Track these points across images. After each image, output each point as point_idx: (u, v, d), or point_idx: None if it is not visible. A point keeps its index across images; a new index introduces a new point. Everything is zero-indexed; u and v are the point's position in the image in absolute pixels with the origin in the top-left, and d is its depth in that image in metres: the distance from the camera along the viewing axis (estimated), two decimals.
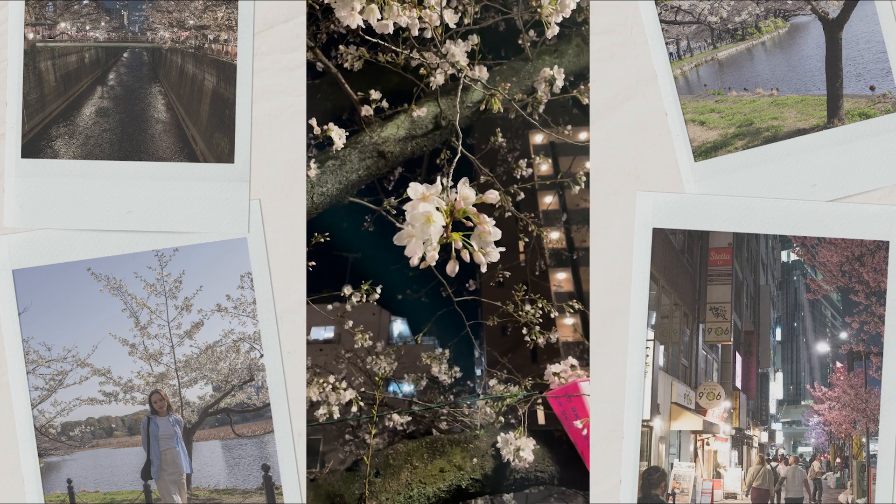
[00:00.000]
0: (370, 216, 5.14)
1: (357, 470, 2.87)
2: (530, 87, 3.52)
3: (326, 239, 3.98)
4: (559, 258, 8.11)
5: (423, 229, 1.54)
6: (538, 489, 11.41)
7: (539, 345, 4.32)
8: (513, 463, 2.87)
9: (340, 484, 2.84)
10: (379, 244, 4.38)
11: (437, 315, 5.51)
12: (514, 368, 4.00)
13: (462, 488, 2.94)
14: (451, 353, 4.75)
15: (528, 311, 4.20)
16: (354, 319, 4.28)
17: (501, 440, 2.88)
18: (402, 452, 2.94)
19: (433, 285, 5.82)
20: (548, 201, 4.71)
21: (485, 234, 1.58)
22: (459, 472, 2.91)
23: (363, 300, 3.96)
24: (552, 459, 2.96)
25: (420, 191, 1.55)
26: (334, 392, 3.14)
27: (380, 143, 3.17)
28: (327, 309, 4.06)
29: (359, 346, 4.10)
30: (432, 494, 2.89)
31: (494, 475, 2.95)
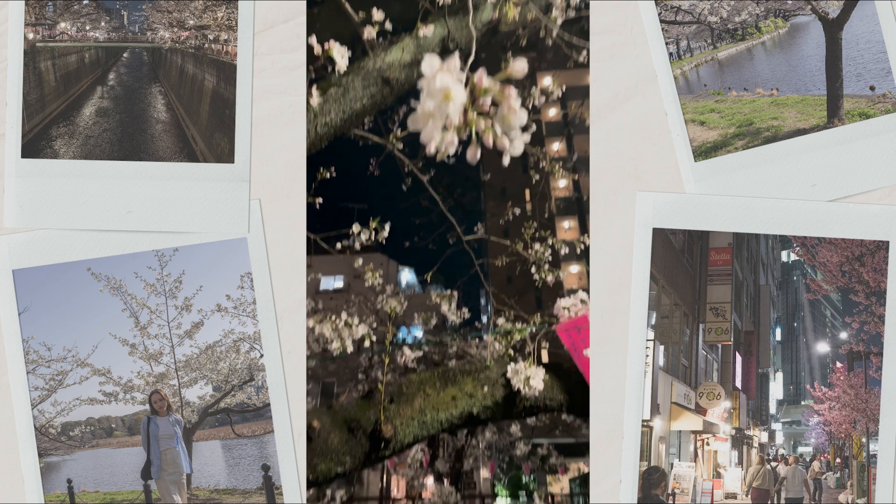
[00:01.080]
0: (375, 159, 5.12)
1: (372, 398, 2.94)
2: (545, 5, 3.41)
3: (332, 175, 3.97)
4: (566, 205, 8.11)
5: (442, 107, 1.31)
6: (544, 422, 11.41)
7: (548, 283, 4.34)
8: (523, 391, 2.92)
9: (356, 410, 2.91)
10: (385, 191, 4.33)
11: (447, 255, 5.54)
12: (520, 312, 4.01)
13: (473, 415, 3.00)
14: (460, 295, 4.76)
15: (536, 250, 4.22)
16: (360, 273, 4.28)
17: (511, 370, 2.93)
18: (415, 382, 3.01)
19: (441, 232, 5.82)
20: (556, 148, 4.70)
21: (510, 115, 1.36)
22: (470, 399, 2.97)
23: (371, 238, 3.93)
24: (561, 388, 3.01)
25: (436, 64, 1.31)
26: (346, 328, 3.13)
27: (384, 68, 3.09)
28: (336, 248, 4.04)
29: (369, 284, 4.08)
30: (444, 420, 2.96)
31: (505, 403, 3.00)
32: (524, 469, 16.52)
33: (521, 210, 5.79)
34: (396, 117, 4.31)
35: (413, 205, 7.32)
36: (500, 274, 4.97)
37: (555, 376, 3.01)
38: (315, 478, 2.73)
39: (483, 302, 5.30)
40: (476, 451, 13.96)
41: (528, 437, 12.82)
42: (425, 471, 14.39)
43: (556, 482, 17.12)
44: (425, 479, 14.69)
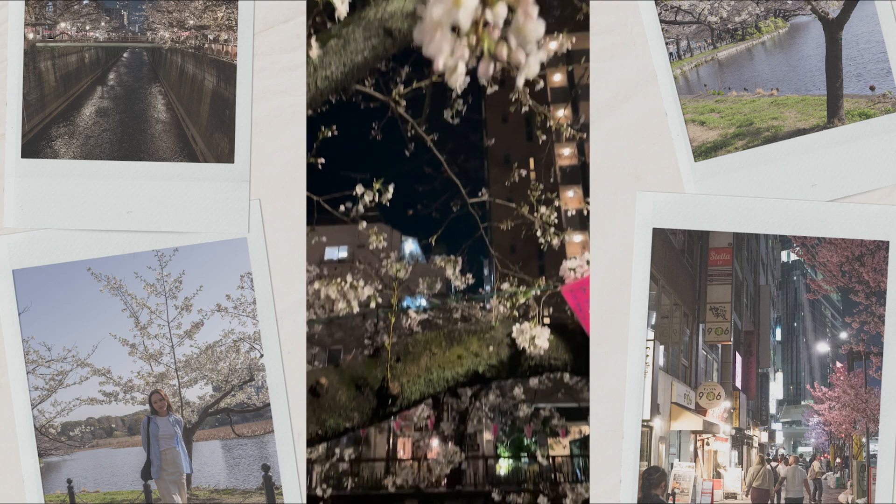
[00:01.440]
0: (377, 123, 5.10)
1: (378, 357, 2.96)
2: None
3: (334, 133, 3.95)
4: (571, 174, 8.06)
5: (451, 13, 1.15)
6: (546, 385, 11.47)
7: (553, 247, 4.33)
8: (528, 350, 2.94)
9: (363, 369, 2.94)
10: (387, 158, 4.28)
11: (451, 218, 5.53)
12: (523, 278, 4.01)
13: (479, 373, 3.02)
14: (464, 260, 4.76)
15: (542, 213, 4.21)
16: (365, 242, 4.27)
17: (517, 329, 2.95)
18: (421, 341, 3.05)
19: (444, 200, 5.79)
20: (560, 115, 4.68)
21: (527, 25, 1.19)
22: (476, 358, 3.00)
23: (375, 200, 3.90)
24: (566, 348, 3.03)
25: None
26: (352, 290, 3.14)
27: (386, 18, 3.03)
28: (339, 210, 4.02)
29: (373, 247, 4.05)
30: (450, 378, 2.98)
31: (510, 362, 3.02)
32: (526, 432, 16.64)
33: (526, 173, 5.77)
34: (399, 78, 4.25)
35: (416, 169, 7.25)
36: (505, 240, 4.97)
37: (559, 336, 3.03)
38: (324, 433, 2.77)
39: (487, 272, 5.33)
40: (480, 412, 14.08)
41: (530, 401, 12.90)
42: (430, 433, 14.52)
43: (557, 444, 17.25)
44: (430, 440, 14.84)
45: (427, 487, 16.78)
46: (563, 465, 18.04)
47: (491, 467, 19.17)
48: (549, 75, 4.96)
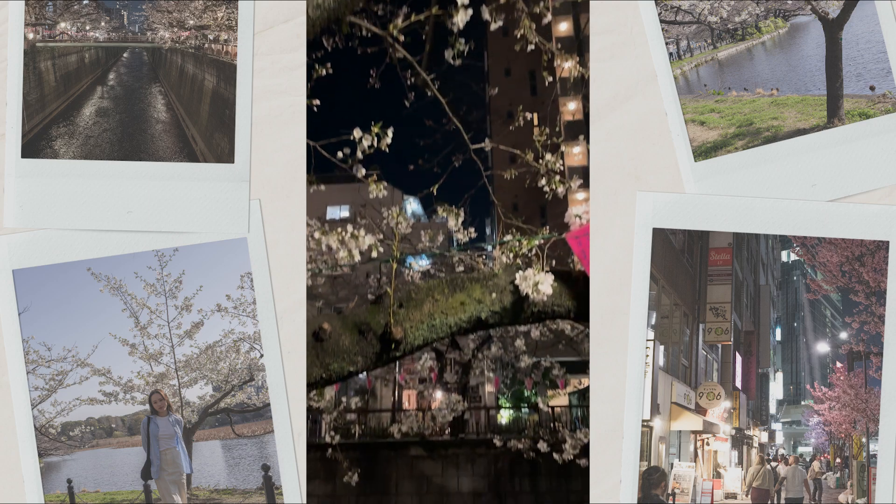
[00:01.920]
0: (375, 69, 5.01)
1: (381, 303, 2.98)
2: None
3: (329, 72, 3.88)
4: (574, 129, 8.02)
5: None
6: (548, 337, 11.53)
7: (558, 195, 4.29)
8: (531, 296, 2.94)
9: (366, 315, 2.96)
10: (387, 113, 4.16)
11: (453, 168, 5.46)
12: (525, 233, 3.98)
13: (482, 319, 3.03)
14: (466, 211, 4.72)
15: (549, 159, 4.17)
16: (366, 201, 4.15)
17: (520, 276, 2.95)
18: (424, 288, 3.05)
19: (446, 154, 5.68)
20: (567, 66, 4.61)
21: None
22: (479, 304, 3.00)
23: (373, 145, 3.79)
24: (569, 295, 3.03)
25: None
26: (353, 239, 3.11)
27: None
28: (337, 156, 3.94)
29: (373, 195, 3.96)
30: (453, 324, 3.00)
31: (513, 308, 3.03)
32: (526, 384, 16.71)
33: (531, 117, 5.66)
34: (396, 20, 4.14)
35: (416, 123, 7.12)
36: (508, 195, 4.95)
37: (563, 283, 3.03)
38: (328, 376, 2.78)
39: (489, 231, 5.33)
40: (482, 363, 14.16)
41: (532, 352, 12.98)
42: (434, 385, 14.61)
43: (556, 396, 17.29)
44: (434, 391, 14.94)
45: (431, 435, 16.96)
46: (563, 414, 18.20)
47: (493, 417, 19.35)
48: (555, 24, 4.89)
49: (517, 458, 15.38)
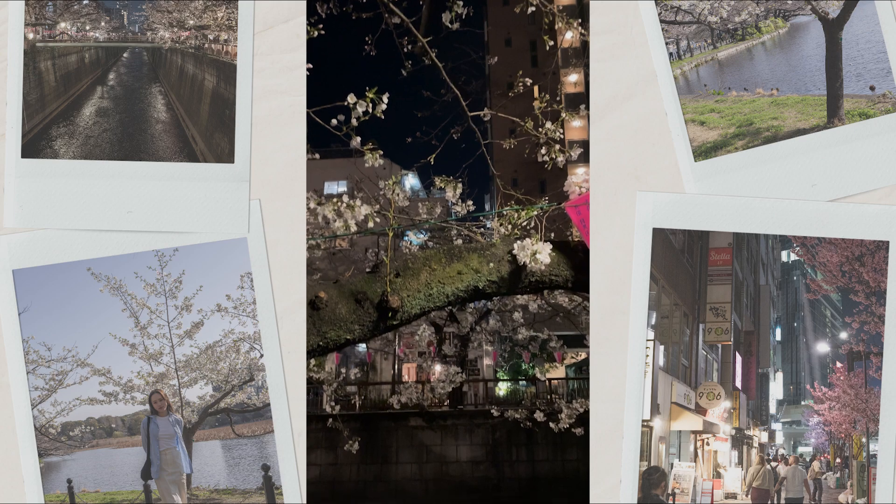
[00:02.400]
0: (371, 36, 4.96)
1: (378, 272, 2.99)
2: None
3: (321, 32, 3.82)
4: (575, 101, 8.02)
5: None
6: (546, 310, 11.52)
7: (558, 164, 4.27)
8: (529, 266, 2.93)
9: (363, 283, 2.96)
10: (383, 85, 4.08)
11: (451, 136, 5.43)
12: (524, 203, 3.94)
13: (479, 289, 3.03)
14: (465, 183, 4.68)
15: (549, 128, 4.14)
16: (363, 175, 4.10)
17: (518, 245, 2.95)
18: (421, 258, 3.05)
19: (443, 126, 5.66)
20: (569, 36, 4.58)
21: None
22: (476, 274, 3.01)
23: (368, 112, 3.71)
24: (567, 265, 3.03)
25: None
26: (349, 210, 3.10)
27: None
28: (332, 124, 3.86)
29: (369, 165, 3.89)
30: (450, 293, 3.00)
31: (510, 278, 3.03)
32: (524, 357, 16.85)
33: (531, 83, 5.61)
34: None
35: (414, 92, 7.06)
36: (507, 165, 4.94)
37: (560, 253, 3.03)
38: (326, 344, 2.79)
39: (488, 206, 5.33)
40: (480, 336, 14.24)
41: (529, 324, 13.02)
42: (433, 358, 14.73)
43: (553, 369, 17.43)
44: (433, 364, 15.05)
45: (430, 406, 17.02)
46: (559, 386, 18.28)
47: (491, 389, 19.41)
48: (560, 35, 4.88)
49: (514, 427, 15.48)
